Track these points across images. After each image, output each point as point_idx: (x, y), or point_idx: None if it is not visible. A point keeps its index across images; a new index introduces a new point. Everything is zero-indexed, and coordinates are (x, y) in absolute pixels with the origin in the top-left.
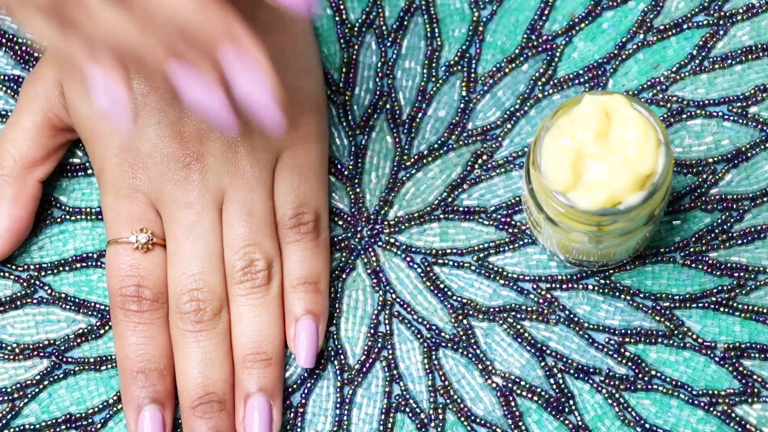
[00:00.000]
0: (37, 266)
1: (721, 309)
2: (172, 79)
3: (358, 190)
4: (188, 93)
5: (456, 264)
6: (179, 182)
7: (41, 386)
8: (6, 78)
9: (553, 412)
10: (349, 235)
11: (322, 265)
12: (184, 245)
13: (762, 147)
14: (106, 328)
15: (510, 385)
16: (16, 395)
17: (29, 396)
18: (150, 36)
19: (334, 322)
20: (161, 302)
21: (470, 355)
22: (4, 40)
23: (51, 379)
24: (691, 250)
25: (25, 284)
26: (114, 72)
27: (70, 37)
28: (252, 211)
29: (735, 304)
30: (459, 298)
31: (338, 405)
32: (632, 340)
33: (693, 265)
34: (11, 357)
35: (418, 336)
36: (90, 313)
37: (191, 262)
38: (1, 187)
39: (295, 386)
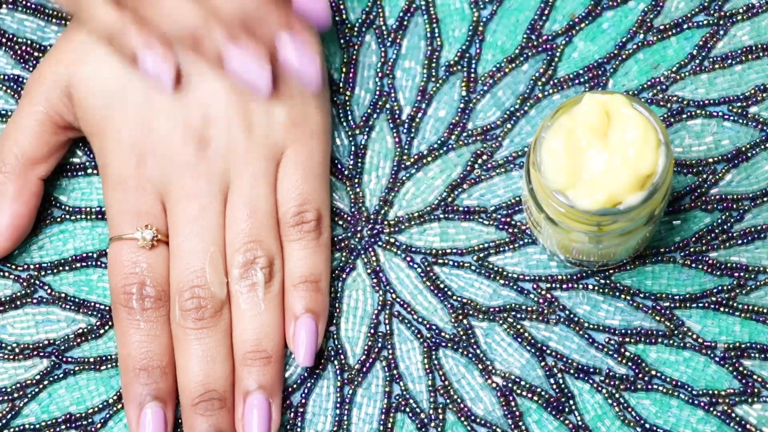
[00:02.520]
0: (37, 266)
1: (721, 309)
2: (225, 59)
3: (358, 190)
4: (239, 68)
5: (456, 264)
6: (186, 172)
7: (41, 386)
8: (6, 78)
9: (553, 412)
10: (349, 235)
11: (323, 264)
12: (187, 240)
13: (762, 147)
14: (106, 327)
15: (510, 385)
16: (16, 395)
17: (29, 396)
18: (213, 24)
19: (334, 321)
20: (164, 300)
21: (470, 355)
22: (4, 40)
23: (51, 378)
24: (691, 250)
25: (25, 284)
26: (163, 51)
27: (125, 18)
28: (256, 206)
29: (735, 304)
30: (459, 298)
31: (338, 405)
32: (632, 340)
33: (693, 265)
34: (11, 357)
35: (418, 336)
36: (90, 312)
37: (193, 258)
38: (3, 183)
39: (295, 386)
